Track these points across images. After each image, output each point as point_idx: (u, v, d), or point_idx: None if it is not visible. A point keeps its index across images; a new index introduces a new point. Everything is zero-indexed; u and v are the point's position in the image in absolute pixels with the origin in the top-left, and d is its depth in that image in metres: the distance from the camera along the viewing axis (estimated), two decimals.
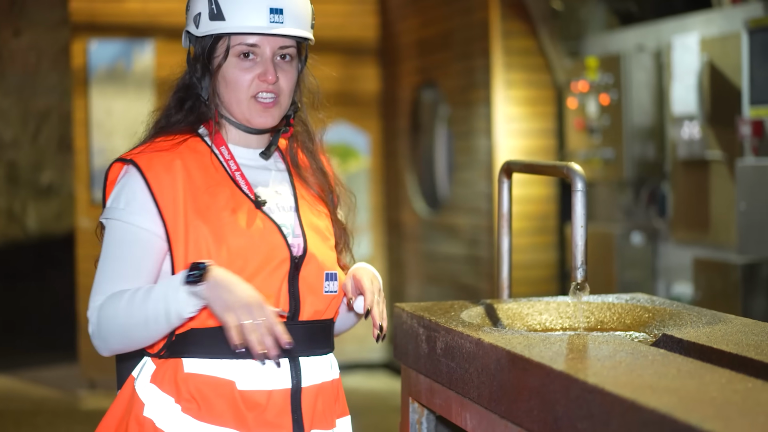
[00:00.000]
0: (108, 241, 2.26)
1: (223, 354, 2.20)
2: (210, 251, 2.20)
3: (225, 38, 2.27)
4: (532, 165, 2.53)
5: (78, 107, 7.88)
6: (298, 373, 2.25)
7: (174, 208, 2.21)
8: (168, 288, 2.14)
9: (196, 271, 2.11)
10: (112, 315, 2.18)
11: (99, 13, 7.88)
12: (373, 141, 8.41)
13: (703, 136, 5.17)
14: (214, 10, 2.26)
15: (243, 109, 2.29)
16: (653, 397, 1.55)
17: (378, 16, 8.36)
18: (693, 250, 5.39)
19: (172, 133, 2.32)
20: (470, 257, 6.93)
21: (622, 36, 5.96)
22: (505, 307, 2.43)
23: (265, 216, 2.28)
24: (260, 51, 2.27)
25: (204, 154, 2.30)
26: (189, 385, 2.20)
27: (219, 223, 2.22)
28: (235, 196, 2.27)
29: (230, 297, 2.10)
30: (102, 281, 2.23)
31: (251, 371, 2.21)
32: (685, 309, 2.34)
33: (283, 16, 2.26)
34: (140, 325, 2.16)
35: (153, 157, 2.25)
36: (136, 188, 2.23)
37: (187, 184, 2.23)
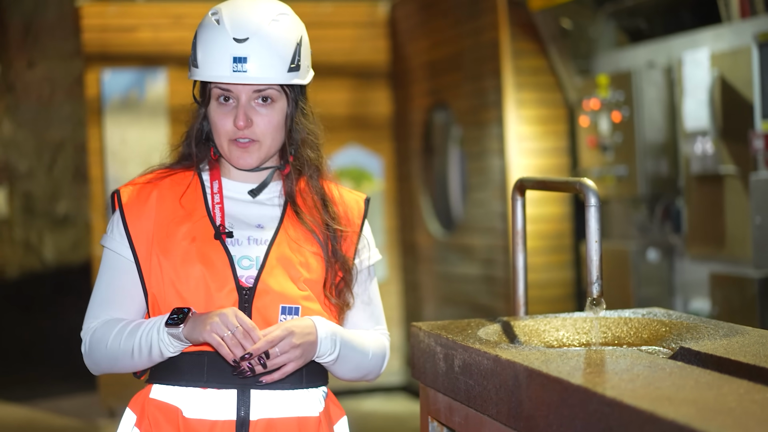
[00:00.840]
0: (100, 266, 2.41)
1: (175, 381, 2.32)
2: (166, 280, 2.31)
3: (207, 83, 2.37)
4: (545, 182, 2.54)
5: (92, 137, 7.93)
6: (246, 404, 2.29)
7: (147, 240, 2.34)
8: (152, 327, 2.27)
9: (178, 315, 2.24)
10: (103, 342, 2.32)
11: (111, 44, 7.94)
12: (386, 164, 8.43)
13: (715, 150, 5.18)
14: (193, 58, 2.36)
15: (225, 152, 2.38)
16: (671, 408, 1.55)
17: (388, 39, 8.40)
18: (709, 265, 5.38)
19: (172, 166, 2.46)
20: (486, 277, 6.93)
21: (632, 53, 5.98)
22: (522, 324, 2.44)
23: (220, 246, 2.33)
24: (235, 95, 2.33)
25: (190, 186, 2.41)
26: (148, 410, 2.33)
27: (177, 253, 2.32)
28: (199, 226, 2.35)
29: (204, 321, 2.20)
30: (94, 305, 2.37)
31: (198, 400, 2.30)
32: (702, 322, 2.34)
33: (248, 64, 2.29)
34: (126, 356, 2.30)
35: (133, 190, 2.40)
36: (117, 219, 2.38)
37: (159, 216, 2.35)
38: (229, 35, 2.31)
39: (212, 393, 2.29)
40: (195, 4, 7.87)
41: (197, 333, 2.20)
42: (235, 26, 2.31)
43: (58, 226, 10.34)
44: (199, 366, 2.30)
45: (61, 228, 10.34)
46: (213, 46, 2.31)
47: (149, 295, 2.33)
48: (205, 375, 2.29)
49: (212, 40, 2.32)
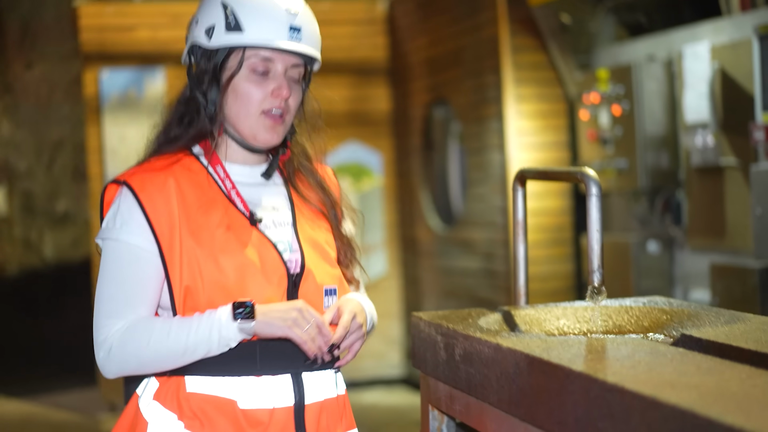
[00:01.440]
0: (107, 262, 2.25)
1: (223, 372, 2.21)
2: (204, 271, 2.20)
3: (239, 51, 2.27)
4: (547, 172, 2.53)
5: (91, 135, 7.92)
6: (300, 390, 2.26)
7: (169, 228, 2.21)
8: (209, 323, 2.17)
9: (244, 309, 2.15)
10: (141, 342, 2.18)
11: (109, 43, 7.93)
12: (386, 160, 8.42)
13: (716, 143, 5.17)
14: (231, 23, 2.25)
15: (251, 124, 2.29)
16: (673, 393, 1.55)
17: (387, 36, 8.39)
18: (710, 256, 5.38)
19: (168, 152, 2.31)
20: (486, 271, 6.93)
21: (632, 47, 5.97)
22: (523, 313, 2.43)
23: (260, 233, 2.27)
24: (273, 67, 2.28)
25: (198, 173, 2.30)
26: (191, 404, 2.21)
27: (213, 242, 2.21)
28: (229, 213, 2.26)
29: (282, 317, 2.16)
30: (109, 304, 2.22)
31: (253, 389, 2.22)
32: (703, 309, 2.34)
33: (301, 34, 2.28)
34: (173, 355, 2.18)
35: (146, 178, 2.24)
36: (131, 209, 2.23)
37: (181, 204, 2.23)
38: (282, 5, 2.28)
39: (267, 380, 2.23)
40: (193, 4, 7.82)
41: (274, 328, 2.16)
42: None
43: (58, 225, 10.34)
44: (252, 354, 2.22)
45: (61, 226, 10.35)
46: (266, 13, 2.26)
47: (180, 288, 2.21)
48: (258, 363, 2.22)
49: (262, 7, 2.26)
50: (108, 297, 2.22)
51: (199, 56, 2.32)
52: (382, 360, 8.18)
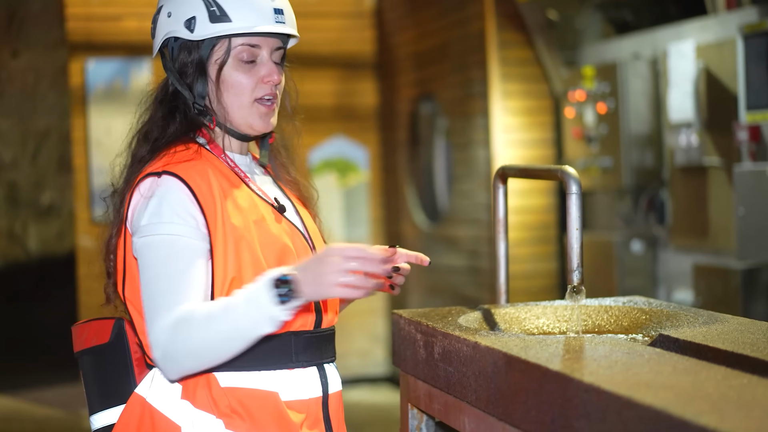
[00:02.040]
0: (158, 257, 2.11)
1: (260, 366, 2.16)
2: (250, 261, 2.14)
3: (224, 41, 2.21)
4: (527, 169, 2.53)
5: (77, 126, 7.90)
6: (325, 380, 2.25)
7: (215, 217, 2.14)
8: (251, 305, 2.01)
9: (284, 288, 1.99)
10: (189, 334, 2.05)
11: (96, 33, 7.91)
12: (372, 154, 8.42)
13: (700, 142, 5.18)
14: (216, 12, 2.20)
15: (245, 114, 2.24)
16: (649, 393, 1.55)
17: (375, 29, 8.38)
18: (693, 256, 5.39)
19: (179, 143, 2.22)
20: (471, 268, 6.94)
21: (618, 44, 5.98)
22: (503, 311, 2.43)
23: (289, 222, 2.26)
24: (259, 52, 2.24)
25: (217, 162, 2.24)
26: (230, 399, 2.13)
27: (251, 230, 2.16)
28: (256, 202, 2.22)
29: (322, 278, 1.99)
30: (162, 300, 2.09)
31: (289, 381, 2.19)
32: (682, 310, 2.34)
33: (284, 16, 2.24)
34: (223, 342, 2.04)
35: (188, 167, 2.16)
36: (181, 198, 2.13)
37: (220, 193, 2.17)
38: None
39: (299, 372, 2.20)
40: None
41: (323, 291, 1.99)
42: None
43: (43, 216, 10.31)
44: (287, 347, 2.18)
45: (46, 218, 10.32)
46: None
47: (223, 278, 2.12)
48: (293, 355, 2.19)
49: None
50: (160, 293, 2.10)
51: (177, 49, 2.25)
52: (366, 358, 8.19)
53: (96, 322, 2.34)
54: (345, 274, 1.98)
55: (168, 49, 2.27)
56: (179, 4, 2.24)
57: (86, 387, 2.32)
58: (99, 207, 7.94)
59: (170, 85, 2.28)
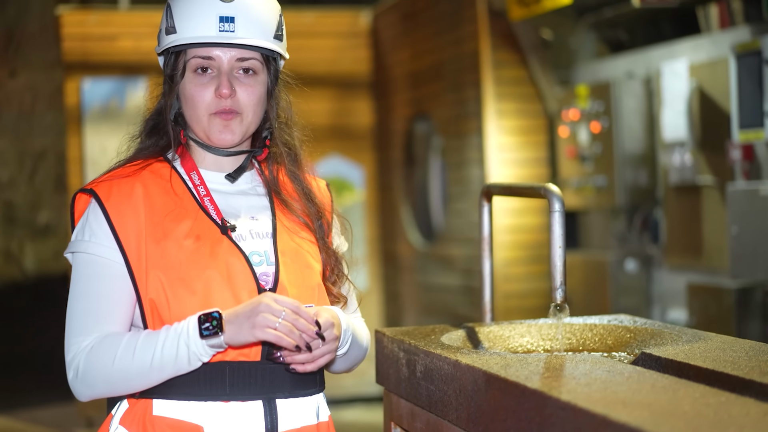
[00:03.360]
0: (77, 276, 2.13)
1: (191, 396, 2.09)
2: (169, 284, 2.09)
3: (183, 54, 2.19)
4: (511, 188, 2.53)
5: (72, 145, 7.90)
6: (273, 417, 2.12)
7: (136, 239, 2.11)
8: (176, 339, 2.03)
9: (211, 322, 2.01)
10: (107, 361, 2.05)
11: (92, 52, 7.91)
12: (367, 174, 8.41)
13: (694, 161, 5.18)
14: (169, 24, 2.19)
15: (203, 127, 2.19)
16: (624, 411, 1.54)
17: (370, 49, 8.39)
18: (687, 275, 5.38)
19: (143, 157, 2.23)
20: (465, 288, 6.92)
21: (611, 64, 5.98)
22: (487, 330, 2.42)
23: (232, 243, 2.15)
24: (216, 64, 2.18)
25: (167, 179, 2.20)
26: (156, 428, 2.09)
27: (180, 253, 2.11)
28: (200, 222, 2.16)
29: (248, 321, 2.00)
30: (80, 320, 2.09)
31: (221, 415, 2.10)
32: (666, 328, 2.33)
33: (235, 24, 2.15)
34: (140, 374, 2.05)
35: (113, 185, 2.16)
36: (99, 219, 2.13)
37: (148, 212, 2.13)
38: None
39: (236, 406, 2.10)
40: None
41: (244, 336, 2.00)
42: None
43: (39, 236, 10.30)
44: (221, 377, 2.09)
45: (42, 238, 10.31)
46: (195, 7, 2.17)
47: (146, 301, 2.10)
48: (227, 387, 2.09)
49: (192, 2, 2.18)
50: (78, 313, 2.10)
51: (163, 62, 2.28)
52: (361, 377, 8.15)
53: None
54: (271, 320, 1.98)
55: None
56: (161, 18, 2.27)
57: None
58: None
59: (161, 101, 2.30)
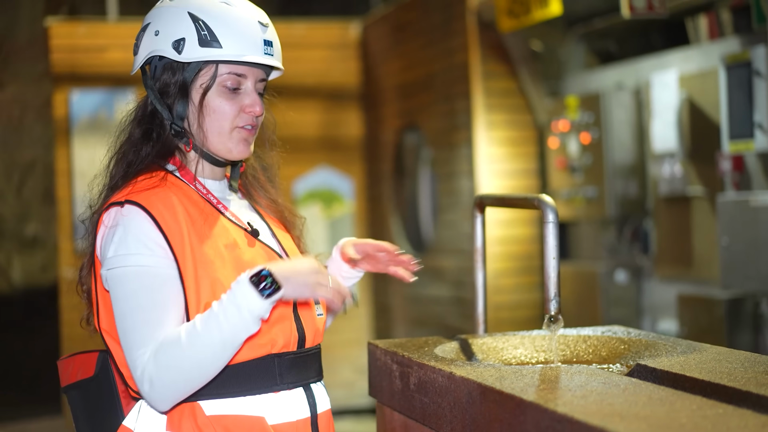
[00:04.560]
0: (127, 291, 2.10)
1: (244, 392, 2.15)
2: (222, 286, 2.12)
3: (211, 66, 2.21)
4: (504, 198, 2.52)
5: (60, 157, 7.87)
6: (313, 401, 2.24)
7: (182, 244, 2.12)
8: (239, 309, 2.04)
9: (266, 282, 2.05)
10: (176, 357, 2.05)
11: (80, 64, 7.89)
12: (357, 185, 8.40)
13: (684, 172, 5.18)
14: (206, 36, 2.19)
15: (224, 139, 2.23)
16: (622, 424, 1.53)
17: (360, 61, 8.39)
18: (677, 286, 5.38)
19: (142, 170, 2.22)
20: (456, 299, 6.91)
21: (601, 75, 5.98)
22: (480, 342, 2.41)
23: (263, 244, 2.26)
24: (245, 81, 2.23)
25: (186, 191, 2.22)
26: (215, 427, 2.12)
27: (223, 255, 2.16)
28: (227, 227, 2.22)
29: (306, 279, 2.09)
30: (136, 334, 2.08)
31: (274, 405, 2.18)
32: (660, 339, 2.32)
33: (273, 48, 2.24)
34: (213, 356, 2.05)
35: (151, 195, 2.15)
36: (145, 227, 2.12)
37: (187, 219, 2.15)
38: (254, 18, 2.23)
39: (285, 395, 2.20)
40: None
41: (303, 291, 2.09)
42: (253, 11, 2.25)
43: (27, 248, 10.26)
44: (271, 369, 2.17)
45: (30, 250, 10.26)
46: (242, 27, 2.20)
47: (196, 303, 2.11)
48: (278, 377, 2.18)
49: (236, 21, 2.21)
50: (135, 327, 2.08)
51: (161, 68, 2.23)
52: (351, 389, 8.13)
53: (80, 355, 2.33)
54: (325, 281, 2.10)
55: (150, 67, 2.26)
56: (169, 24, 2.22)
57: (75, 421, 2.31)
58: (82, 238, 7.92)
59: (149, 105, 2.27)
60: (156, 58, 2.23)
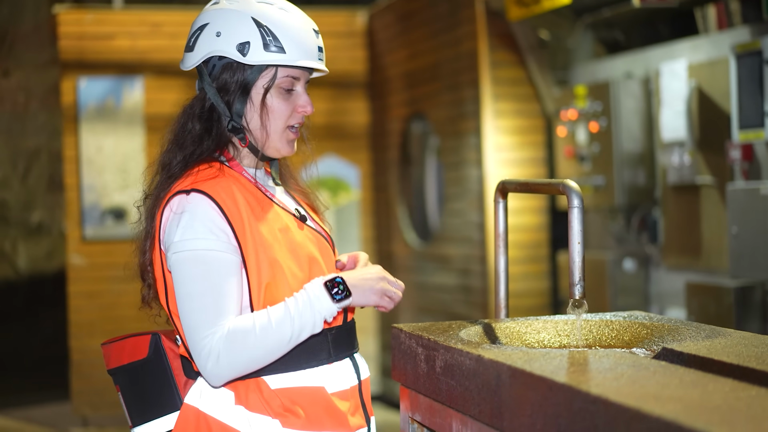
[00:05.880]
0: (192, 274, 2.26)
1: (303, 365, 2.33)
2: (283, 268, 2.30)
3: (271, 69, 2.37)
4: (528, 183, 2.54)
5: (68, 145, 7.88)
6: (357, 369, 2.44)
7: (243, 230, 2.29)
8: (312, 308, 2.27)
9: (338, 287, 2.29)
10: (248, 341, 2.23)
11: (88, 51, 7.90)
12: (363, 174, 8.42)
13: (692, 161, 5.19)
14: (270, 42, 2.35)
15: (276, 138, 2.40)
16: (657, 405, 1.55)
17: (366, 49, 8.40)
18: (685, 275, 5.40)
19: (202, 162, 2.37)
20: (462, 287, 6.93)
21: (610, 64, 6.00)
22: (503, 326, 2.43)
23: (310, 228, 2.44)
24: (297, 84, 2.41)
25: (240, 179, 2.38)
26: (282, 400, 2.30)
27: (279, 239, 2.33)
28: (279, 213, 2.39)
29: (373, 286, 2.35)
30: (203, 316, 2.24)
31: (330, 375, 2.37)
32: (683, 324, 2.34)
33: (323, 54, 2.43)
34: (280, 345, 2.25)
35: (214, 184, 2.31)
36: (211, 214, 2.28)
37: (246, 206, 2.32)
38: (309, 27, 2.41)
39: (336, 365, 2.39)
40: (173, 12, 7.84)
41: (369, 299, 2.34)
42: (308, 19, 2.43)
43: (33, 235, 10.27)
44: (326, 344, 2.36)
45: (36, 237, 10.28)
46: (302, 34, 2.38)
47: (259, 285, 2.29)
48: (331, 350, 2.37)
49: (297, 29, 2.38)
50: (201, 309, 2.25)
51: (219, 67, 2.37)
52: None
53: (131, 339, 2.47)
54: (391, 291, 2.35)
55: (208, 66, 2.39)
56: (232, 27, 2.37)
57: (125, 401, 2.46)
58: (90, 226, 7.95)
59: (207, 101, 2.40)
60: (215, 58, 2.38)
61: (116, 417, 7.43)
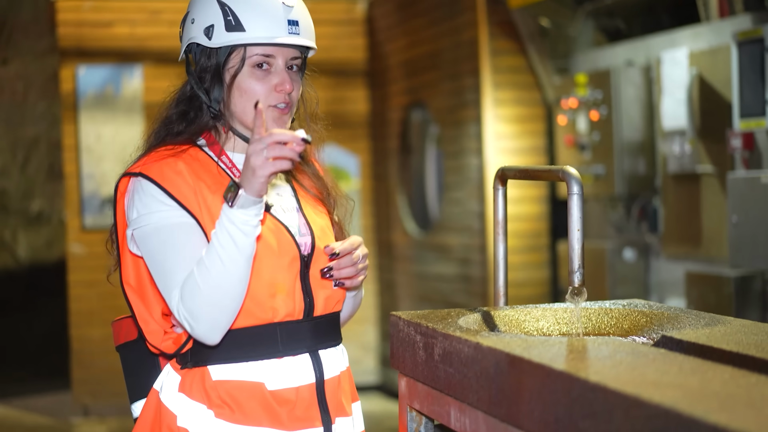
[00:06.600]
0: (152, 245, 2.27)
1: (248, 357, 2.29)
2: None
3: (240, 49, 2.33)
4: (528, 170, 2.52)
5: (67, 133, 7.87)
6: (319, 366, 2.36)
7: (195, 199, 2.26)
8: (224, 227, 2.17)
9: (229, 191, 2.16)
10: (195, 289, 2.19)
11: (87, 39, 7.88)
12: (362, 162, 8.41)
13: (693, 150, 5.18)
14: (231, 22, 2.31)
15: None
16: (656, 392, 1.54)
17: (366, 37, 8.38)
18: (685, 264, 5.39)
19: (172, 143, 2.36)
20: (462, 276, 6.92)
21: (610, 52, 5.98)
22: (502, 314, 2.42)
23: (273, 217, 2.34)
24: (274, 61, 2.33)
25: (206, 163, 2.35)
26: (219, 391, 2.28)
27: None
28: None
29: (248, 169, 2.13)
30: (167, 280, 2.24)
31: (277, 371, 2.31)
32: (682, 312, 2.33)
33: (299, 27, 2.33)
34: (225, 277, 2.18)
35: (158, 165, 2.29)
36: (154, 193, 2.27)
37: (196, 186, 2.28)
38: (278, 1, 2.33)
39: (288, 361, 2.32)
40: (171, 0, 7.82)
41: (256, 181, 2.13)
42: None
43: (32, 224, 10.27)
44: (273, 337, 2.30)
45: (35, 226, 10.27)
46: (264, 10, 2.31)
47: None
48: (280, 344, 2.31)
49: (260, 4, 2.32)
50: (165, 274, 2.25)
51: (198, 54, 2.37)
52: (357, 366, 8.15)
53: (128, 319, 2.50)
54: (262, 156, 2.11)
55: (192, 54, 2.39)
56: (201, 12, 2.36)
57: (125, 378, 2.50)
58: (90, 214, 7.94)
59: (187, 89, 2.41)
60: (194, 45, 2.37)
61: (117, 406, 7.43)
